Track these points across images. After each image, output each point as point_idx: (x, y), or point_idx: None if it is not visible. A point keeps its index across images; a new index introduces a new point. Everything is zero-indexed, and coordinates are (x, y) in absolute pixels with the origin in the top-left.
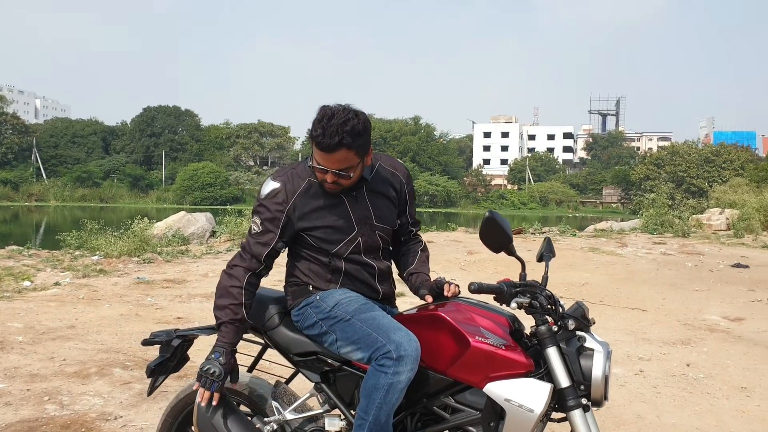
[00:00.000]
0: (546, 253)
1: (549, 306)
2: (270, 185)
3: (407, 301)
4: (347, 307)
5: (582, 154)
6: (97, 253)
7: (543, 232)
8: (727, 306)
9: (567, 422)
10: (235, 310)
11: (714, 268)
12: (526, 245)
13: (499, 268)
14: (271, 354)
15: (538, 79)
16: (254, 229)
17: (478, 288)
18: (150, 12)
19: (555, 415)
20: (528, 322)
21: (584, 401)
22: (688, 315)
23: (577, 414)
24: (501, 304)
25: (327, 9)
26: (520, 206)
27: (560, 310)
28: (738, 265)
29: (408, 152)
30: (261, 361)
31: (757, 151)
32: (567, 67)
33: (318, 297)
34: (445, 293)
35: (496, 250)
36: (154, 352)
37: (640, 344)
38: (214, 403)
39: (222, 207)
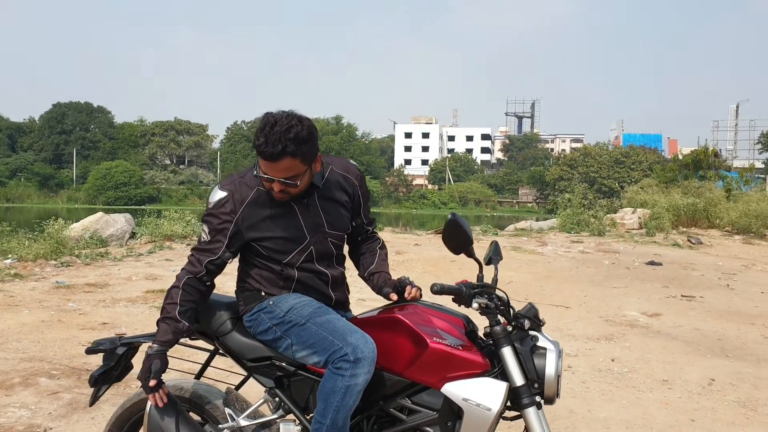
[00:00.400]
0: (494, 256)
1: (502, 307)
2: (217, 194)
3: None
4: (302, 311)
5: (499, 155)
6: (10, 256)
7: None
8: (645, 302)
9: (514, 421)
10: (169, 309)
11: (630, 266)
12: None
13: (427, 268)
14: (219, 361)
15: (457, 81)
16: (203, 238)
17: (440, 289)
18: (58, 3)
19: (508, 413)
20: (480, 322)
21: (538, 399)
22: (609, 311)
23: (531, 411)
24: (459, 305)
25: (245, 6)
26: (440, 206)
27: (512, 310)
28: (652, 263)
29: (330, 152)
30: (207, 368)
31: (663, 153)
32: (484, 69)
33: (271, 302)
34: (406, 295)
35: (457, 252)
36: (82, 360)
37: (566, 340)
38: (160, 404)
39: (137, 207)
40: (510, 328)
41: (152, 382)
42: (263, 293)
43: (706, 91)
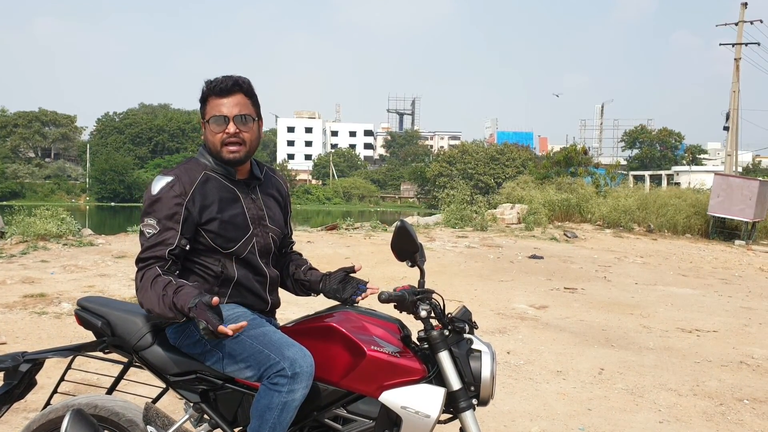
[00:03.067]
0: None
1: (439, 311)
2: (162, 180)
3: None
4: (235, 323)
5: (381, 151)
6: None
7: (356, 228)
8: (531, 295)
9: (446, 424)
10: (173, 283)
11: (514, 260)
12: (344, 241)
13: (321, 265)
14: (131, 373)
15: (340, 76)
16: (149, 232)
17: (387, 298)
18: None
19: (441, 416)
20: (412, 325)
21: (474, 402)
22: (499, 304)
23: (468, 415)
24: (401, 312)
25: None
26: (324, 201)
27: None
28: (534, 257)
29: None
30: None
31: (534, 150)
32: (367, 65)
33: None
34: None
35: (402, 258)
36: None
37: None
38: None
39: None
40: (446, 332)
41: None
42: None
43: (573, 91)
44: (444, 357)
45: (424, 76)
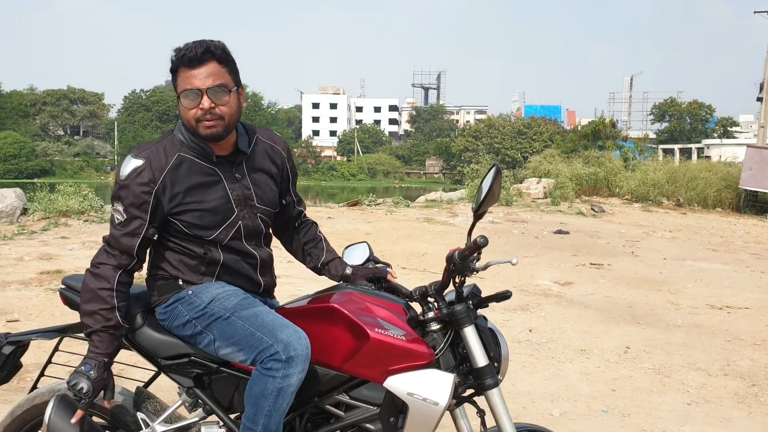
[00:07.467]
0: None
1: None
2: (131, 163)
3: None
4: (225, 302)
5: (406, 126)
6: None
7: (378, 204)
8: (556, 271)
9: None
10: (107, 316)
11: (539, 235)
12: (366, 217)
13: (341, 242)
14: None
15: (364, 51)
16: (117, 218)
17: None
18: None
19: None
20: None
21: (500, 378)
22: (522, 281)
23: (496, 392)
24: (453, 274)
25: None
26: (350, 177)
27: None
28: (560, 232)
29: None
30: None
31: (562, 124)
32: (391, 39)
33: (190, 292)
34: (389, 279)
35: (478, 209)
36: None
37: (483, 312)
38: (73, 421)
39: (28, 181)
40: (470, 306)
41: (107, 404)
42: (181, 281)
43: (602, 63)
44: (470, 332)
45: (450, 50)
